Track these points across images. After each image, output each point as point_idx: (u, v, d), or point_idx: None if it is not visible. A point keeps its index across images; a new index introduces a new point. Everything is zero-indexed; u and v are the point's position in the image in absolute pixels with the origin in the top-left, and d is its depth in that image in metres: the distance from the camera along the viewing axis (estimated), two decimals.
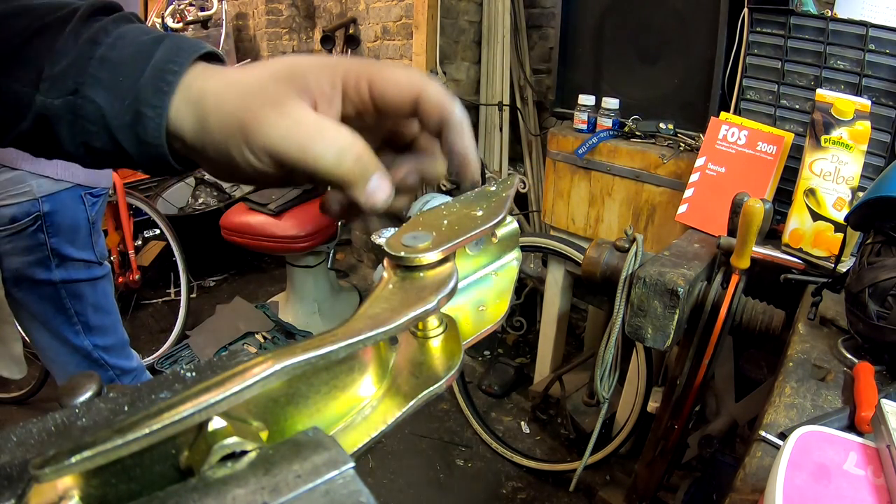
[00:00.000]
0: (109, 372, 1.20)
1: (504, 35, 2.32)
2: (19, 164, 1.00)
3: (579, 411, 1.87)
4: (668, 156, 1.44)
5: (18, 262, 1.05)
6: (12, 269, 1.05)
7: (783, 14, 1.21)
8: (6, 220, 1.02)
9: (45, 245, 1.06)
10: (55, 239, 1.07)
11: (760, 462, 0.56)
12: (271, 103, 0.31)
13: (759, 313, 0.98)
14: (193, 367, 0.22)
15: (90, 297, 1.15)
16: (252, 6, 3.37)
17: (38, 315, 1.11)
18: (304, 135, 0.30)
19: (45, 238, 1.06)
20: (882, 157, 1.12)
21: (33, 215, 1.04)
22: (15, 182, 1.01)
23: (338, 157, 0.31)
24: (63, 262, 1.09)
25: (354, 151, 0.31)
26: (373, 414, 0.24)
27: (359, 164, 0.31)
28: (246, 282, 3.00)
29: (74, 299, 1.12)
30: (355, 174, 0.31)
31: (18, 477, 0.18)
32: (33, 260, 1.06)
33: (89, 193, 1.11)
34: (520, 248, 0.35)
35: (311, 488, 0.17)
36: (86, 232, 1.12)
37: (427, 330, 0.27)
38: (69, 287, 1.11)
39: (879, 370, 0.69)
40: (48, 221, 1.06)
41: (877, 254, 0.72)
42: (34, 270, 1.07)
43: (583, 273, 1.10)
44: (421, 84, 0.33)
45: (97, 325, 1.17)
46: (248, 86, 0.32)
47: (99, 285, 1.17)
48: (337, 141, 0.31)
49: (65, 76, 0.32)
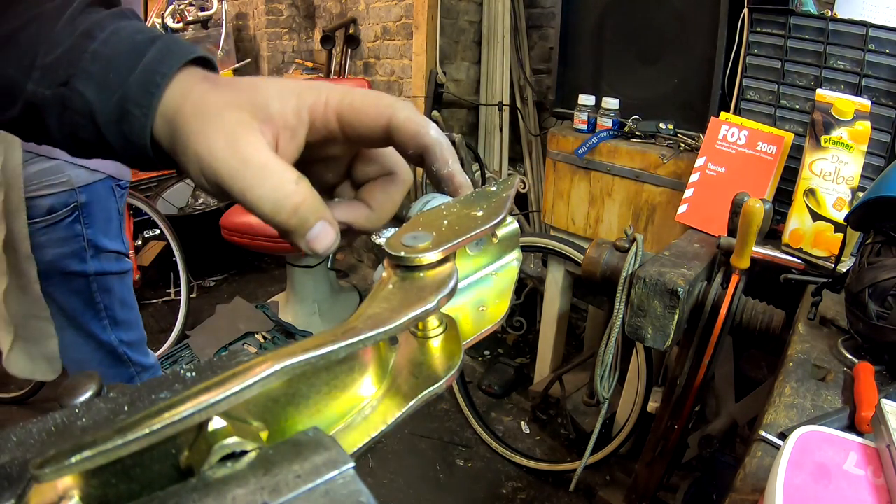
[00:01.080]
0: (131, 369, 1.19)
1: (504, 35, 2.32)
2: (56, 154, 0.99)
3: (579, 411, 1.87)
4: (668, 156, 1.44)
5: (52, 253, 1.04)
6: (45, 261, 1.03)
7: (783, 14, 1.21)
8: (43, 211, 1.01)
9: (82, 236, 1.05)
10: (91, 230, 1.07)
11: (760, 462, 0.56)
12: (225, 136, 0.30)
13: (759, 313, 0.98)
14: (193, 367, 0.22)
15: (118, 290, 1.15)
16: (252, 6, 3.37)
17: (67, 309, 1.09)
18: (247, 178, 0.30)
19: (82, 229, 1.05)
20: (882, 157, 1.12)
21: (71, 205, 1.03)
22: (53, 172, 1.00)
23: (275, 206, 0.30)
24: (97, 254, 1.09)
25: (292, 202, 0.30)
26: (373, 414, 0.24)
27: (295, 217, 0.31)
28: (246, 282, 3.00)
29: (104, 293, 1.12)
30: (292, 225, 0.31)
31: (18, 477, 0.18)
32: (68, 251, 1.05)
33: (118, 185, 1.12)
34: (520, 248, 0.35)
35: (311, 488, 0.17)
36: (117, 223, 1.13)
37: (427, 330, 0.27)
38: (101, 280, 1.10)
39: (879, 370, 0.69)
40: (85, 212, 1.05)
41: (877, 254, 0.72)
42: (68, 262, 1.06)
43: (583, 273, 1.10)
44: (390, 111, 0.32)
45: (123, 319, 1.17)
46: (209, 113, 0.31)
47: (126, 279, 1.17)
48: (277, 190, 0.30)
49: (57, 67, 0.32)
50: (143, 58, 0.32)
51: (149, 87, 0.32)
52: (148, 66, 0.32)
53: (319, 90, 0.33)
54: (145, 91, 0.32)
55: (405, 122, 0.32)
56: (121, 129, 0.32)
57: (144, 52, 0.32)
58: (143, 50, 0.33)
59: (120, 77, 0.32)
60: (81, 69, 0.32)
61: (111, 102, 0.32)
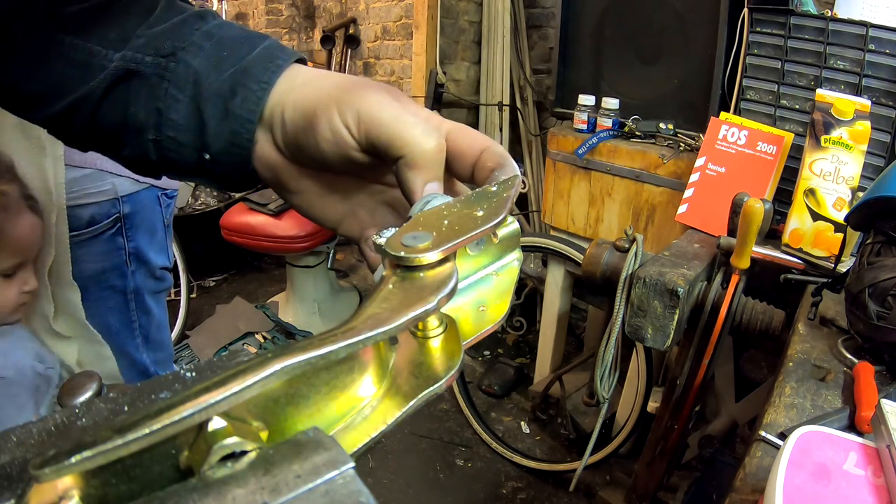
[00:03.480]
0: None
1: (504, 35, 2.32)
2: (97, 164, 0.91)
3: (579, 411, 1.87)
4: (668, 156, 1.44)
5: (91, 268, 0.94)
6: (83, 276, 0.92)
7: (783, 14, 1.21)
8: (83, 223, 0.91)
9: (124, 250, 0.97)
10: (134, 243, 0.98)
11: (760, 462, 0.56)
12: (364, 84, 0.31)
13: (759, 313, 0.98)
14: (193, 367, 0.22)
15: (154, 308, 1.07)
16: (252, 6, 3.37)
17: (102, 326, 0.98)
18: (396, 107, 0.30)
19: (125, 242, 0.97)
20: (882, 157, 1.12)
21: (113, 216, 0.94)
22: (93, 179, 0.91)
23: (425, 132, 0.30)
24: (139, 268, 1.01)
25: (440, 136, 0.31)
26: (373, 414, 0.24)
27: (440, 151, 0.31)
28: (246, 282, 3.00)
29: (140, 310, 1.04)
30: (433, 156, 0.30)
31: (18, 477, 0.18)
32: (109, 266, 0.96)
33: (164, 194, 1.04)
34: (521, 248, 0.35)
35: (311, 488, 0.17)
36: (162, 235, 1.05)
37: (427, 330, 0.27)
38: (139, 296, 1.02)
39: (879, 370, 0.69)
40: (128, 224, 0.97)
41: (877, 254, 0.72)
42: (108, 277, 0.97)
43: (583, 273, 1.10)
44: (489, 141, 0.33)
45: (155, 338, 1.09)
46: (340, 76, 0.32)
47: (163, 297, 1.09)
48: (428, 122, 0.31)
49: (163, 38, 0.32)
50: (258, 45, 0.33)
51: (269, 67, 0.32)
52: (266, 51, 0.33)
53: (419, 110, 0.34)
54: (265, 69, 0.32)
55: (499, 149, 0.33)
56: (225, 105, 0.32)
57: (258, 42, 0.33)
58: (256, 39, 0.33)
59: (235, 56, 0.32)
60: (193, 43, 0.32)
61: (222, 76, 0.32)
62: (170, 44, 0.32)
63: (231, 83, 0.32)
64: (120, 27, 0.32)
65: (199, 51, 0.32)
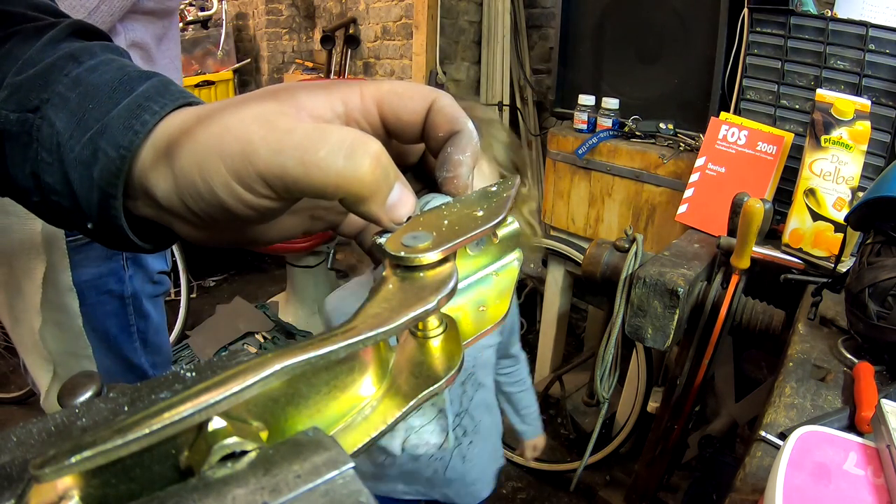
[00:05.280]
0: None
1: (504, 35, 2.32)
2: None
3: (579, 411, 1.87)
4: (668, 156, 1.44)
5: (89, 273, 0.95)
6: (81, 281, 0.93)
7: (783, 14, 1.21)
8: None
9: (121, 254, 0.97)
10: None
11: (760, 462, 0.56)
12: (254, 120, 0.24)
13: (759, 313, 0.98)
14: (193, 367, 0.22)
15: (152, 312, 1.07)
16: (252, 6, 3.37)
17: (100, 331, 0.99)
18: (301, 141, 0.23)
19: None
20: (882, 157, 1.12)
21: None
22: None
23: (349, 158, 0.23)
24: (137, 273, 1.01)
25: (372, 150, 0.24)
26: (373, 414, 0.24)
27: (379, 167, 0.24)
28: (246, 282, 3.00)
29: (138, 314, 1.04)
30: (375, 179, 0.24)
31: (18, 477, 0.18)
32: (106, 270, 0.96)
33: None
34: (520, 248, 0.35)
35: (311, 488, 0.17)
36: None
37: (427, 330, 0.27)
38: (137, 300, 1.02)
39: (879, 370, 0.69)
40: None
41: (877, 254, 0.72)
42: (106, 281, 0.97)
43: (583, 273, 1.10)
44: (433, 94, 0.29)
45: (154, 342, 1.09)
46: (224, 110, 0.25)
47: (160, 300, 1.09)
48: (345, 140, 0.24)
49: (28, 88, 0.27)
50: (131, 92, 0.26)
51: (132, 126, 0.26)
52: (135, 101, 0.26)
53: (350, 84, 0.29)
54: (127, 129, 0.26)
55: (448, 106, 0.28)
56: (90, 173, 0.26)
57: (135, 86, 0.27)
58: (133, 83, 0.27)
59: (100, 110, 0.26)
60: (57, 94, 0.27)
61: (84, 138, 0.26)
62: (35, 95, 0.27)
63: (92, 147, 0.26)
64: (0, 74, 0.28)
65: (64, 104, 0.26)
